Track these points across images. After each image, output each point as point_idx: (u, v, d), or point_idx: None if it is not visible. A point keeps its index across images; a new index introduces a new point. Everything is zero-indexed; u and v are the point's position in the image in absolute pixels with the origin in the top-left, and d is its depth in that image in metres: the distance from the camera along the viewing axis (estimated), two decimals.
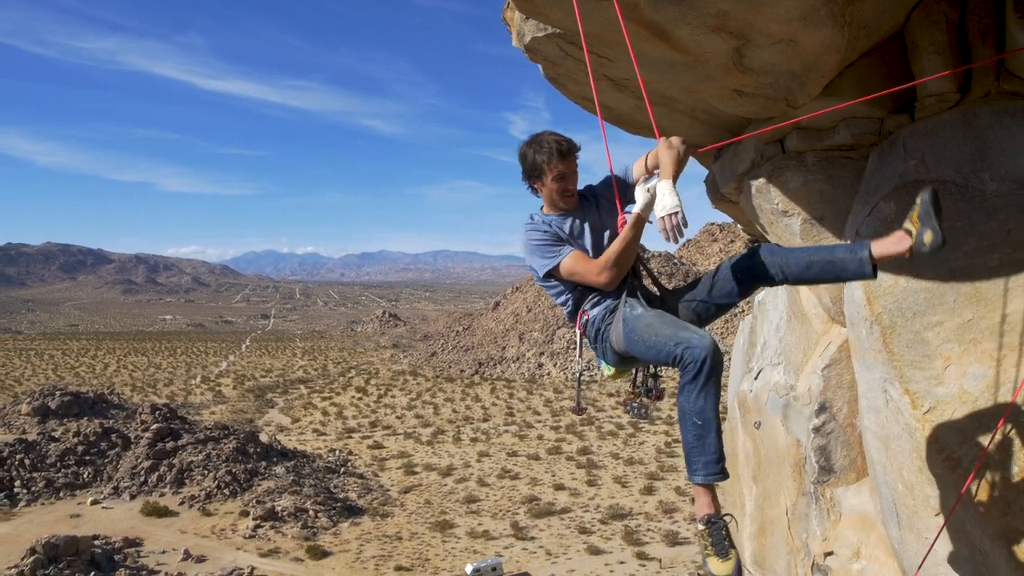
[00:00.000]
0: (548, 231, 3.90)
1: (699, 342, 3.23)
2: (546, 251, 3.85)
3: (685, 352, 3.24)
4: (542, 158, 3.86)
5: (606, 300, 3.87)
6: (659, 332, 3.42)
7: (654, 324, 3.50)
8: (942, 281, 4.25)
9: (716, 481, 3.32)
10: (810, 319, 6.07)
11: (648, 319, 3.56)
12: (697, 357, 3.20)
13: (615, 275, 3.69)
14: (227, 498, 63.09)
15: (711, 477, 3.30)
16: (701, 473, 3.31)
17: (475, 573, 44.47)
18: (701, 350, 3.21)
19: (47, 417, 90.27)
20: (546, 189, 3.96)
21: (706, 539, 3.29)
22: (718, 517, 3.31)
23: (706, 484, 3.33)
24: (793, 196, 5.35)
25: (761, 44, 4.08)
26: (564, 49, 5.19)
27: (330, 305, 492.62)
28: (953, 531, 4.23)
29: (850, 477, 5.65)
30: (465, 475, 73.50)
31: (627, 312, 3.70)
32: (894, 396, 4.48)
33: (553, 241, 3.87)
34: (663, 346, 3.36)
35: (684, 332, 3.34)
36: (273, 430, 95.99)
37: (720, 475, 3.31)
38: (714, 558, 3.23)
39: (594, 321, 3.90)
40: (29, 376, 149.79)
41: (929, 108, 4.48)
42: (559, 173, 3.87)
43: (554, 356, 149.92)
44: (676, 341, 3.30)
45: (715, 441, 3.29)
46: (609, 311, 3.84)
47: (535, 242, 3.89)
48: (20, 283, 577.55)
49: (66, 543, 47.53)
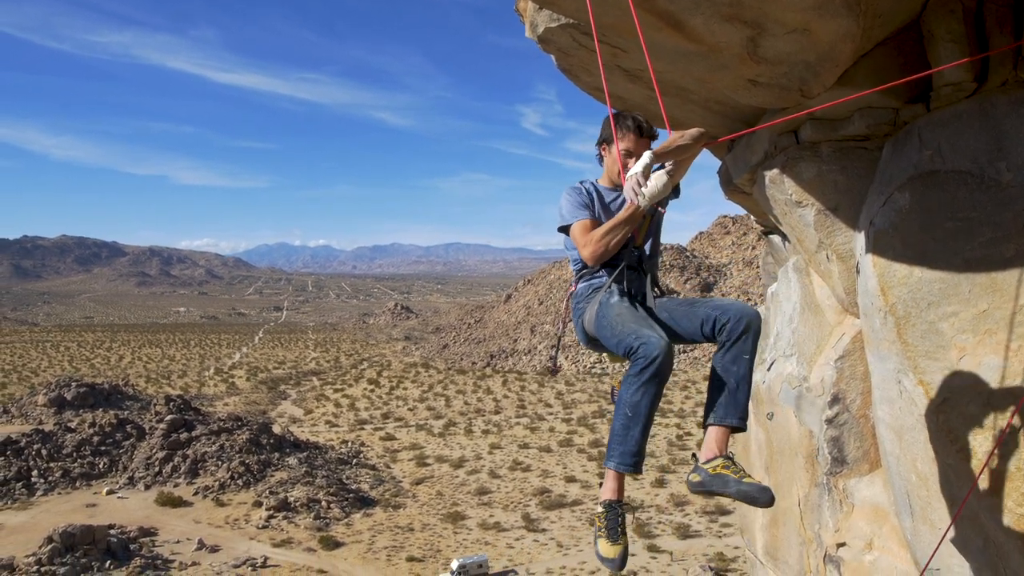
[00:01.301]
0: (582, 195, 3.98)
1: (656, 342, 3.32)
2: (569, 210, 3.93)
3: (640, 347, 3.34)
4: (621, 129, 3.93)
5: (594, 279, 3.97)
6: (626, 324, 3.53)
7: (625, 315, 3.62)
8: (957, 271, 4.22)
9: (626, 472, 3.42)
10: (823, 310, 6.05)
11: (621, 309, 3.68)
12: (649, 354, 3.30)
13: (597, 250, 3.73)
14: (240, 489, 63.61)
15: (624, 467, 3.40)
16: (615, 460, 3.42)
17: (460, 569, 44.52)
18: (656, 348, 3.30)
19: (63, 408, 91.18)
20: (610, 158, 4.04)
21: (601, 521, 3.44)
22: (618, 504, 3.44)
23: (616, 472, 3.44)
24: (807, 186, 5.32)
25: (776, 33, 4.06)
26: (577, 39, 5.18)
27: (342, 298, 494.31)
28: (967, 522, 4.22)
29: (863, 468, 5.63)
30: (477, 467, 73.75)
31: (604, 297, 3.80)
32: (908, 387, 4.46)
33: (581, 205, 3.94)
34: (624, 336, 3.46)
35: (647, 330, 3.43)
36: (286, 421, 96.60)
37: (632, 468, 3.40)
38: (604, 540, 3.38)
39: (577, 295, 4.03)
40: (45, 367, 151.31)
41: (945, 98, 4.44)
42: (628, 149, 3.92)
43: (565, 349, 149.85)
44: (636, 335, 3.40)
45: (638, 436, 3.38)
46: (592, 289, 3.94)
47: (566, 200, 3.98)
48: (36, 275, 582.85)
49: (82, 532, 48.08)
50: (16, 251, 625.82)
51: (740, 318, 3.53)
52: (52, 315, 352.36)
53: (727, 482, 3.31)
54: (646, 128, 3.92)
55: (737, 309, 3.57)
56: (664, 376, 3.35)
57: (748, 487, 3.24)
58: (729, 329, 3.54)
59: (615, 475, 3.46)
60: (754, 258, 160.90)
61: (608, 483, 3.48)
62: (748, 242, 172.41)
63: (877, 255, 4.62)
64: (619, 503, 3.44)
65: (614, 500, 3.44)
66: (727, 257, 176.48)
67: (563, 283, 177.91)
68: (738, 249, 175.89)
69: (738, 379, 3.52)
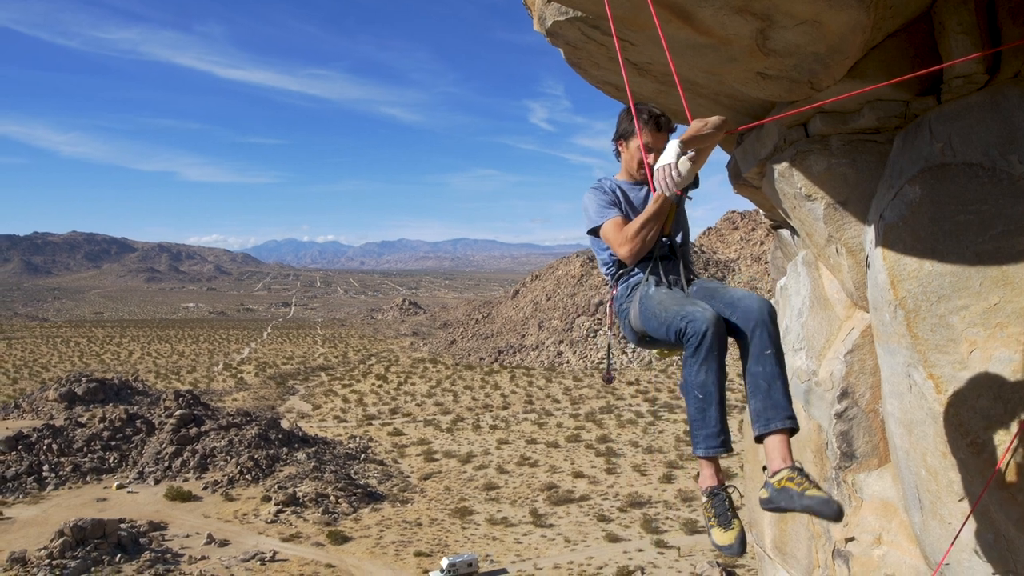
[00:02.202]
0: (607, 194, 3.95)
1: (702, 315, 3.27)
2: (597, 210, 3.91)
3: (688, 325, 3.28)
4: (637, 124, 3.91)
5: (631, 278, 3.92)
6: (668, 307, 3.47)
7: (665, 300, 3.56)
8: (968, 265, 4.20)
9: (717, 454, 3.33)
10: (833, 304, 6.02)
11: (661, 296, 3.63)
12: (699, 330, 3.24)
13: (635, 248, 3.72)
14: (249, 483, 63.91)
15: (712, 450, 3.32)
16: (703, 446, 3.33)
17: (450, 568, 44.47)
18: (703, 323, 3.24)
19: (74, 403, 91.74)
20: (628, 153, 4.02)
21: (709, 511, 3.33)
22: (721, 488, 3.34)
23: (707, 456, 3.35)
24: (817, 180, 5.29)
25: (785, 25, 4.03)
26: (586, 33, 5.16)
27: (350, 293, 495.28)
28: (977, 517, 4.20)
29: (872, 463, 5.62)
30: (484, 462, 73.87)
31: (643, 290, 3.75)
32: (918, 381, 4.45)
33: (608, 204, 3.91)
34: (671, 320, 3.39)
35: (690, 306, 3.37)
36: (294, 417, 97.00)
37: (720, 448, 3.31)
38: (717, 528, 3.27)
39: (619, 297, 3.97)
40: (56, 363, 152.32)
41: (956, 90, 4.41)
42: (646, 143, 3.91)
43: (573, 344, 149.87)
44: (681, 315, 3.34)
45: (716, 414, 3.30)
46: (631, 287, 3.89)
47: (592, 201, 3.95)
48: (47, 271, 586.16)
49: (93, 526, 48.42)
50: (27, 247, 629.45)
51: (747, 321, 3.44)
52: (62, 311, 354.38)
53: (791, 496, 3.16)
54: (663, 121, 3.90)
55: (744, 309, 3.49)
56: (721, 347, 3.27)
57: (811, 500, 3.10)
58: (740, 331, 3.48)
59: (707, 461, 3.36)
60: (762, 253, 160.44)
61: (704, 471, 3.39)
62: (756, 237, 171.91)
63: (887, 249, 4.60)
64: (722, 487, 3.35)
65: (715, 486, 3.35)
66: (735, 252, 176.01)
67: (571, 279, 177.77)
68: (746, 244, 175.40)
69: (768, 378, 3.38)
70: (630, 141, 3.98)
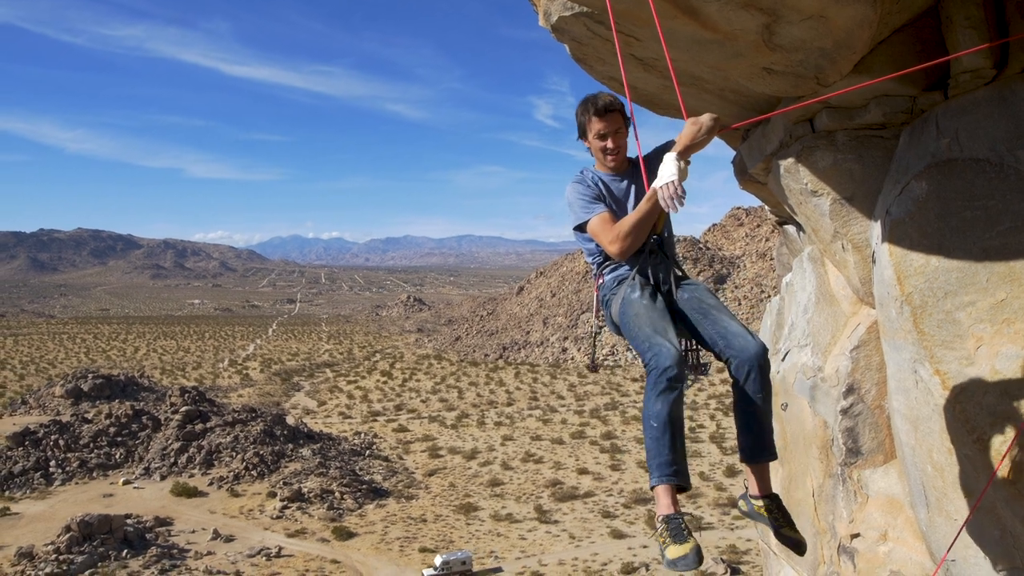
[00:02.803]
0: (591, 187, 3.96)
1: (666, 352, 3.34)
2: (583, 206, 3.92)
3: (652, 359, 3.37)
4: (584, 117, 3.97)
5: (619, 270, 3.97)
6: (640, 328, 3.56)
7: (641, 316, 3.63)
8: (975, 261, 4.18)
9: (670, 484, 3.34)
10: (839, 300, 6.01)
11: (638, 309, 3.68)
12: (660, 365, 3.33)
13: (626, 246, 3.72)
14: (255, 479, 64.08)
15: (664, 479, 3.34)
16: (656, 475, 3.36)
17: (443, 565, 44.47)
18: (666, 359, 3.33)
19: (80, 399, 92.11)
20: (592, 148, 4.05)
21: (664, 535, 3.30)
22: (677, 516, 3.33)
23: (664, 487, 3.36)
24: (823, 176, 5.28)
25: (792, 20, 4.02)
26: (591, 28, 5.15)
27: (355, 290, 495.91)
28: (983, 512, 4.19)
29: (878, 459, 5.61)
30: (489, 458, 73.91)
31: (627, 291, 3.80)
32: (924, 377, 4.43)
33: (592, 198, 3.92)
34: (640, 343, 3.50)
35: (658, 338, 3.44)
36: (299, 413, 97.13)
37: (672, 478, 3.33)
38: (672, 546, 3.24)
39: (605, 286, 4.03)
40: (62, 359, 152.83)
41: (963, 85, 4.38)
42: (597, 132, 3.93)
43: (578, 341, 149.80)
44: (648, 345, 3.43)
45: (670, 444, 3.34)
46: (618, 281, 3.93)
47: (576, 195, 3.96)
48: (52, 268, 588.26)
49: (100, 522, 48.64)
50: (33, 244, 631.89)
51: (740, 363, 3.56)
52: (68, 307, 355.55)
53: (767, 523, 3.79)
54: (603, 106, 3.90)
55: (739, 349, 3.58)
56: (678, 385, 3.35)
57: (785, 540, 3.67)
58: (734, 370, 3.60)
59: (664, 489, 3.36)
60: (767, 250, 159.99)
61: (660, 500, 3.38)
62: (761, 234, 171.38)
63: (893, 244, 4.59)
64: (678, 515, 3.35)
65: (671, 514, 3.33)
66: (740, 249, 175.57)
67: (575, 275, 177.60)
68: (752, 241, 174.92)
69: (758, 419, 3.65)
70: (589, 135, 4.01)
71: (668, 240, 4.02)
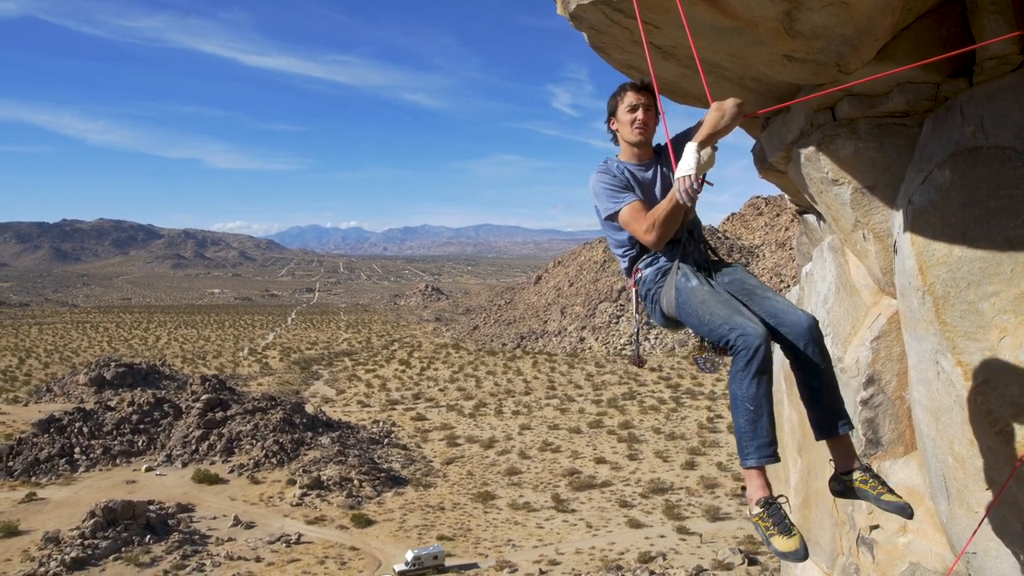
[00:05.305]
0: (617, 176, 3.91)
1: (753, 330, 3.29)
2: (612, 195, 3.87)
3: (739, 339, 3.29)
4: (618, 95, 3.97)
5: (659, 261, 3.89)
6: (714, 312, 3.47)
7: (709, 302, 3.54)
8: (999, 251, 4.12)
9: (768, 464, 3.36)
10: (859, 290, 5.95)
11: (703, 295, 3.59)
12: (750, 345, 3.26)
13: (660, 235, 3.68)
14: (274, 467, 64.77)
15: (764, 460, 3.34)
16: (754, 456, 3.35)
17: (415, 560, 43.96)
18: (755, 338, 3.26)
19: (103, 387, 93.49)
20: (621, 124, 4.00)
21: (766, 520, 3.30)
22: (773, 499, 3.33)
23: (759, 467, 3.37)
24: (844, 164, 5.22)
25: (813, 7, 3.97)
26: (610, 16, 5.11)
27: (373, 279, 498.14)
28: (1005, 505, 4.15)
29: (898, 451, 5.56)
30: (507, 447, 74.18)
31: (680, 280, 3.71)
32: (946, 368, 4.39)
33: (620, 187, 3.87)
34: (716, 327, 3.42)
35: (738, 317, 3.37)
36: (319, 401, 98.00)
37: (772, 458, 3.35)
38: (778, 536, 3.24)
39: (646, 280, 3.93)
40: (86, 348, 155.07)
41: (989, 72, 4.30)
42: (630, 104, 3.92)
43: (596, 330, 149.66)
44: (730, 326, 3.35)
45: (767, 425, 3.34)
46: (661, 273, 3.86)
47: (603, 184, 3.91)
48: (75, 258, 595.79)
49: (123, 507, 49.43)
50: (56, 234, 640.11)
51: (796, 336, 3.55)
52: (91, 297, 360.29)
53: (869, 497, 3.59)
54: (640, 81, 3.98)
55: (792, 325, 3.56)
56: (770, 365, 3.32)
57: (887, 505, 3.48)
58: (791, 346, 3.57)
59: (757, 472, 3.38)
60: (787, 239, 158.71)
61: (753, 481, 3.39)
62: (781, 223, 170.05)
63: (915, 234, 4.53)
64: (773, 497, 3.36)
65: (768, 496, 3.34)
66: (760, 239, 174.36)
67: (593, 264, 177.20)
68: (771, 230, 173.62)
69: (825, 391, 3.60)
70: (619, 111, 3.98)
71: (698, 226, 3.98)
